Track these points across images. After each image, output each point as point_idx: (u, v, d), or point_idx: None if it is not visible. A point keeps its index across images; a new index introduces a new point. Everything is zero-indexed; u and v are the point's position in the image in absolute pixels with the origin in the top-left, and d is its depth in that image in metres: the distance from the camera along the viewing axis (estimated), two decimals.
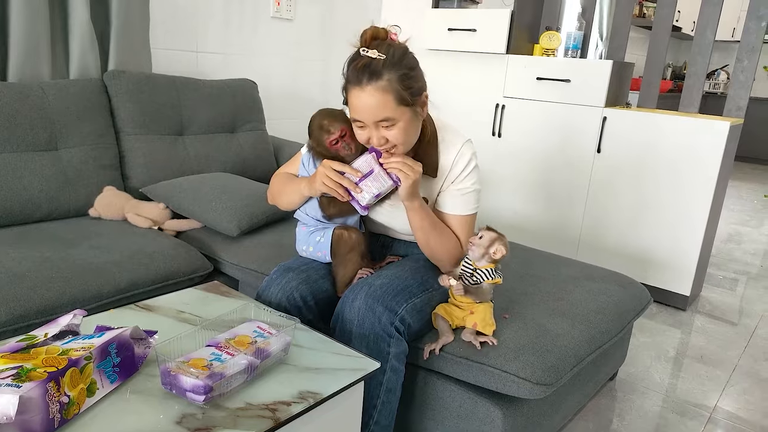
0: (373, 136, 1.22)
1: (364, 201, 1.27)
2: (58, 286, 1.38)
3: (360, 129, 1.23)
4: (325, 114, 1.29)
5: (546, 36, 2.82)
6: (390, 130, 1.20)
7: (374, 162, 1.25)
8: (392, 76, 1.16)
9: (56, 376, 0.81)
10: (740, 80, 2.71)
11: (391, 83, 1.16)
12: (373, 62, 1.16)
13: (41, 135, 1.80)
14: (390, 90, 1.16)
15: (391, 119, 1.19)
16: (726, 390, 1.94)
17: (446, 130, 1.36)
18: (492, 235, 1.26)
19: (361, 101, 1.17)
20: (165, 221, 1.87)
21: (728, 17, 6.13)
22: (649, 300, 1.74)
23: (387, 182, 1.25)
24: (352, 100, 1.20)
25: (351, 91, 1.19)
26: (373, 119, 1.19)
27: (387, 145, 1.23)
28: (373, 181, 1.25)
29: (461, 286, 1.25)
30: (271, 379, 0.99)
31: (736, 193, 5.32)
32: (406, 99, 1.18)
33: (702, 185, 2.37)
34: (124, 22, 2.07)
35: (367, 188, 1.25)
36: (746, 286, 2.98)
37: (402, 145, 1.24)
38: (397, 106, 1.18)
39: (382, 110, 1.17)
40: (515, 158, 2.87)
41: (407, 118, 1.21)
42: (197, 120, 2.21)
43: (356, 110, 1.20)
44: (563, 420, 1.57)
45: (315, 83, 3.04)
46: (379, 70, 1.15)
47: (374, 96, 1.16)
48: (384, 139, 1.22)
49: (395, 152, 1.26)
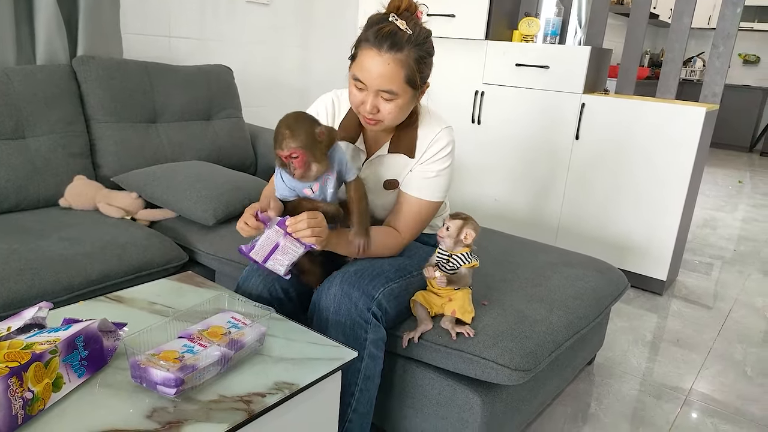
0: (368, 102, 1.20)
1: (281, 272, 1.18)
2: (27, 279, 1.34)
3: (358, 90, 1.22)
4: (289, 124, 1.14)
5: (525, 22, 2.81)
6: (387, 103, 1.20)
7: (277, 235, 1.16)
8: (411, 53, 1.17)
9: (18, 371, 0.78)
10: (716, 66, 2.73)
11: (408, 60, 1.17)
12: (399, 33, 1.16)
13: (7, 123, 1.74)
14: (405, 66, 1.17)
15: (394, 94, 1.18)
16: (701, 373, 1.97)
17: (429, 114, 1.36)
18: (458, 223, 1.26)
19: (374, 64, 1.16)
20: (138, 211, 1.82)
21: (705, 5, 6.19)
22: (626, 285, 1.75)
23: (298, 250, 1.17)
24: (364, 60, 1.18)
25: (366, 51, 1.17)
26: (377, 86, 1.18)
27: (377, 116, 1.22)
28: (282, 254, 1.17)
29: (444, 279, 1.24)
30: (245, 371, 0.97)
31: (711, 179, 5.40)
32: (414, 80, 1.19)
33: (678, 171, 2.40)
34: (93, 5, 2.00)
35: (278, 261, 1.17)
36: (721, 270, 3.03)
37: (389, 121, 1.24)
38: (405, 83, 1.18)
39: (390, 82, 1.17)
40: (495, 145, 2.86)
41: (407, 98, 1.21)
42: (171, 107, 2.16)
43: (364, 71, 1.18)
44: (542, 405, 1.58)
45: (293, 69, 2.99)
46: (402, 43, 1.16)
47: (389, 65, 1.16)
48: (376, 108, 1.21)
49: (378, 127, 1.25)
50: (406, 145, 1.32)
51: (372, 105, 1.20)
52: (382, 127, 1.26)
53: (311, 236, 1.13)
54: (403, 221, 1.33)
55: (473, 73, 2.85)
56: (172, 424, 0.83)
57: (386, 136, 1.34)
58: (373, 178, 1.36)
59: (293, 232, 1.14)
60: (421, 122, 1.33)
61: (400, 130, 1.32)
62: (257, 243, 1.18)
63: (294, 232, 1.14)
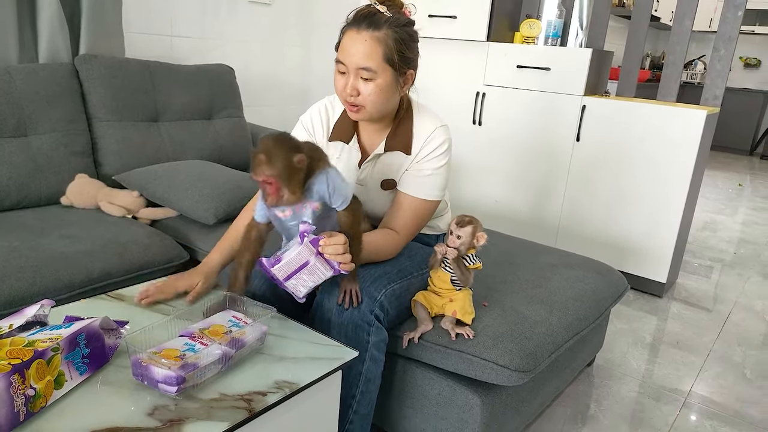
0: (348, 84, 1.21)
1: (300, 294, 1.12)
2: (28, 276, 1.34)
3: (340, 74, 1.23)
4: (268, 149, 1.04)
5: (526, 24, 2.81)
6: (367, 84, 1.20)
7: (309, 253, 1.07)
8: (390, 33, 1.19)
9: (21, 368, 0.78)
10: (717, 69, 2.73)
11: (387, 38, 1.18)
12: (378, 14, 1.19)
13: (9, 121, 1.74)
14: (383, 43, 1.18)
15: (372, 72, 1.19)
16: (700, 375, 1.97)
17: (424, 111, 1.36)
18: (469, 230, 1.25)
19: (352, 43, 1.19)
20: (139, 209, 1.83)
21: (706, 8, 6.20)
22: (626, 287, 1.76)
23: (326, 273, 1.09)
24: (344, 42, 1.21)
25: (346, 33, 1.21)
26: (356, 65, 1.19)
27: (357, 99, 1.22)
28: (308, 274, 1.09)
29: (455, 252, 1.24)
30: (246, 369, 0.97)
31: (711, 182, 5.41)
32: (393, 60, 1.20)
33: (679, 173, 2.40)
34: (96, 3, 2.00)
35: (302, 282, 1.09)
36: (721, 273, 3.03)
37: (370, 107, 1.23)
38: (383, 62, 1.19)
39: (367, 58, 1.18)
40: (495, 147, 2.87)
41: (387, 79, 1.21)
42: (172, 106, 2.16)
43: (344, 51, 1.20)
44: (541, 406, 1.58)
45: (294, 69, 2.99)
46: (381, 23, 1.18)
47: (367, 42, 1.18)
48: (356, 91, 1.21)
49: (360, 114, 1.24)
50: (401, 142, 1.32)
51: (352, 86, 1.21)
52: (365, 115, 1.25)
53: (345, 261, 1.08)
54: (401, 221, 1.33)
55: (474, 75, 2.86)
56: (174, 422, 0.83)
57: (381, 135, 1.34)
58: (370, 179, 1.36)
59: (326, 254, 1.07)
60: (416, 118, 1.33)
61: (395, 128, 1.32)
62: (282, 258, 1.08)
63: (327, 254, 1.07)
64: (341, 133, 1.35)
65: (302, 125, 1.40)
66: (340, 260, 1.08)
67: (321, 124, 1.38)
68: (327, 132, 1.38)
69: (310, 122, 1.39)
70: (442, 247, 1.26)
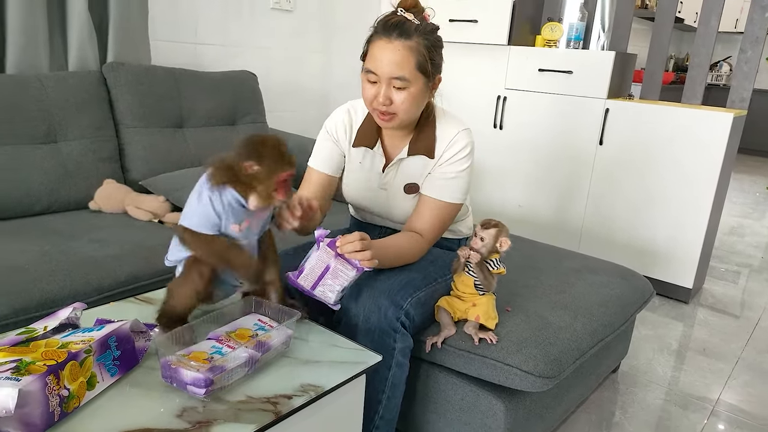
0: (381, 93, 1.21)
1: (331, 300, 1.12)
2: (59, 279, 1.37)
3: (370, 84, 1.23)
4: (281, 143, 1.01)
5: (548, 27, 2.80)
6: (400, 93, 1.21)
7: (328, 256, 1.07)
8: (420, 41, 1.19)
9: (56, 369, 0.80)
10: (744, 71, 2.69)
11: (418, 47, 1.19)
12: (407, 22, 1.19)
13: (40, 127, 1.79)
14: (415, 52, 1.18)
15: (406, 81, 1.19)
16: (729, 383, 1.93)
17: (446, 115, 1.36)
18: (492, 232, 1.25)
19: (384, 53, 1.19)
20: (165, 214, 1.86)
21: (732, 8, 6.09)
22: (652, 293, 1.73)
23: (350, 273, 1.10)
24: (374, 51, 1.20)
25: (376, 43, 1.20)
26: (389, 74, 1.19)
27: (390, 107, 1.22)
28: (332, 278, 1.10)
29: (479, 257, 1.24)
30: (272, 372, 0.98)
31: (738, 186, 5.30)
32: (425, 68, 1.20)
33: (705, 177, 2.36)
34: (123, 13, 2.05)
35: (329, 287, 1.10)
36: (748, 278, 2.97)
37: (402, 114, 1.24)
38: (416, 70, 1.19)
39: (401, 68, 1.18)
40: (517, 150, 2.85)
41: (419, 87, 1.22)
42: (197, 112, 2.19)
43: (376, 61, 1.20)
44: (565, 412, 1.57)
45: (315, 75, 3.02)
46: (411, 31, 1.18)
47: (399, 51, 1.18)
48: (389, 100, 1.21)
49: (393, 122, 1.24)
50: (425, 145, 1.32)
51: (385, 96, 1.21)
52: (396, 122, 1.25)
53: (364, 257, 1.10)
54: (425, 224, 1.33)
55: (495, 79, 2.85)
56: (202, 424, 0.84)
57: (404, 140, 1.35)
58: (393, 184, 1.37)
59: (344, 253, 1.09)
60: (438, 122, 1.34)
61: (418, 132, 1.33)
62: (305, 267, 1.08)
63: (345, 253, 1.09)
64: (365, 139, 1.36)
65: (326, 131, 1.41)
66: (359, 257, 1.10)
67: (345, 130, 1.39)
68: (351, 138, 1.39)
69: (334, 128, 1.40)
70: (465, 251, 1.26)
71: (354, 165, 1.40)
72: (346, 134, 1.39)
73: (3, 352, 0.84)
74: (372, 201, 1.42)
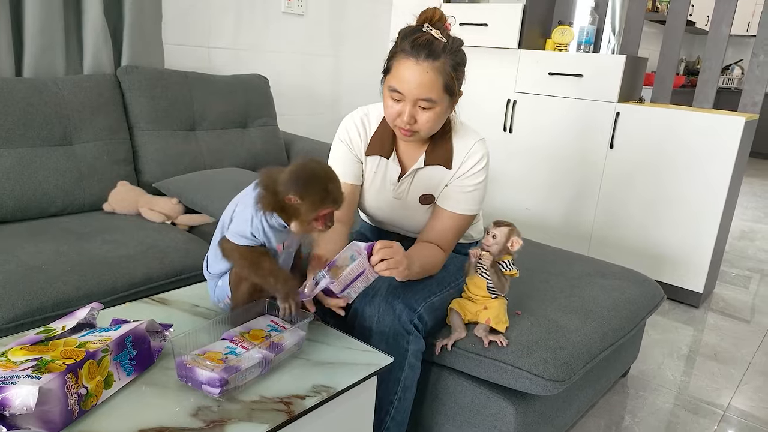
0: (406, 112, 1.19)
1: (351, 300, 1.16)
2: (74, 280, 1.39)
3: (395, 102, 1.21)
4: (329, 179, 1.04)
5: (558, 31, 2.80)
6: (425, 112, 1.20)
7: (366, 262, 1.11)
8: (448, 61, 1.17)
9: (74, 368, 0.82)
10: (756, 75, 2.68)
11: (445, 67, 1.17)
12: (435, 41, 1.16)
13: (56, 130, 1.82)
14: (443, 73, 1.17)
15: (433, 102, 1.18)
16: (740, 388, 1.92)
17: (462, 125, 1.36)
18: (505, 230, 1.26)
19: (412, 74, 1.16)
20: (178, 216, 1.88)
21: (743, 11, 6.05)
22: (662, 297, 1.73)
23: (374, 276, 1.14)
24: (401, 71, 1.17)
25: (403, 62, 1.17)
26: (416, 96, 1.17)
27: (414, 126, 1.21)
28: (362, 282, 1.14)
29: (491, 258, 1.24)
30: (285, 373, 1.00)
31: (749, 190, 5.26)
32: (452, 88, 1.19)
33: (716, 181, 2.35)
34: (137, 17, 2.08)
35: (357, 288, 1.14)
36: (759, 283, 2.95)
37: (426, 132, 1.23)
38: (443, 91, 1.18)
39: (429, 90, 1.17)
40: (527, 154, 2.85)
41: (444, 106, 1.21)
42: (209, 115, 2.22)
43: (403, 81, 1.17)
44: (575, 416, 1.57)
45: (326, 79, 3.04)
46: (439, 51, 1.16)
47: (428, 73, 1.16)
48: (413, 119, 1.20)
49: (415, 138, 1.25)
50: (441, 156, 1.31)
51: (410, 115, 1.19)
52: (417, 138, 1.26)
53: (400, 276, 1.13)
54: (444, 237, 1.33)
55: (505, 82, 2.85)
56: (216, 423, 0.86)
57: (420, 149, 1.33)
58: (408, 194, 1.36)
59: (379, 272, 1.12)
60: (455, 133, 1.33)
61: (435, 142, 1.32)
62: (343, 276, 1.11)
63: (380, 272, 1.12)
64: (380, 148, 1.34)
65: (340, 140, 1.38)
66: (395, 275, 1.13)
67: (359, 138, 1.36)
68: (365, 145, 1.37)
69: (347, 136, 1.37)
70: (477, 251, 1.26)
71: (368, 174, 1.39)
72: (360, 142, 1.36)
73: (23, 350, 0.86)
74: (385, 211, 1.41)
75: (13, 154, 1.72)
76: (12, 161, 1.71)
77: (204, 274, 1.21)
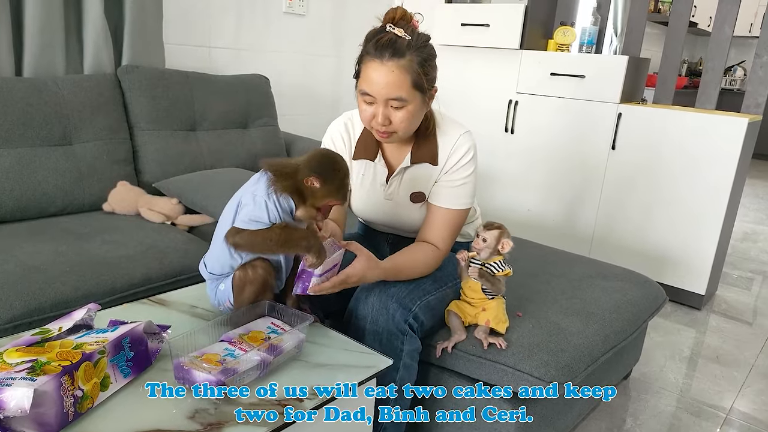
0: (379, 114, 1.19)
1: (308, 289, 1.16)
2: (73, 280, 1.39)
3: (367, 105, 1.20)
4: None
5: (560, 31, 2.79)
6: (398, 112, 1.19)
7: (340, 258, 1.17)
8: (414, 58, 1.15)
9: (70, 369, 0.81)
10: (759, 76, 2.66)
11: (412, 65, 1.15)
12: (398, 40, 1.15)
13: (56, 130, 1.81)
14: (409, 71, 1.15)
15: (403, 100, 1.17)
16: (742, 391, 1.91)
17: (446, 120, 1.34)
18: (495, 233, 1.25)
19: (379, 75, 1.15)
20: (178, 216, 1.87)
21: (746, 12, 6.04)
22: (664, 299, 1.72)
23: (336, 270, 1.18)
24: (368, 73, 1.17)
25: (369, 64, 1.17)
26: (386, 96, 1.17)
27: (389, 127, 1.20)
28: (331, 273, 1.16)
29: (476, 270, 1.24)
30: (283, 375, 0.99)
31: (752, 191, 5.24)
32: (421, 84, 1.18)
33: (718, 183, 2.34)
34: (138, 17, 2.07)
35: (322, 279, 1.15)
36: (762, 285, 2.93)
37: (402, 132, 1.22)
38: (412, 88, 1.17)
39: (398, 89, 1.16)
40: (528, 155, 2.84)
41: (417, 103, 1.20)
42: (210, 115, 2.21)
43: (371, 83, 1.17)
44: (576, 419, 1.56)
45: (327, 79, 3.03)
46: (403, 49, 1.15)
47: (394, 73, 1.15)
48: (388, 120, 1.19)
49: (392, 138, 1.24)
50: (427, 153, 1.30)
51: (383, 116, 1.19)
52: (396, 139, 1.25)
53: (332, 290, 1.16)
54: (439, 234, 1.32)
55: (507, 83, 2.84)
56: (213, 426, 0.85)
57: (405, 149, 1.33)
58: (398, 194, 1.35)
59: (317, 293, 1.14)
60: (439, 128, 1.32)
61: (419, 139, 1.31)
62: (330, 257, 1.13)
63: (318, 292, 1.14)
64: (366, 152, 1.34)
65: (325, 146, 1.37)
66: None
67: (344, 144, 1.37)
68: (350, 150, 1.37)
69: (332, 143, 1.37)
70: (463, 254, 1.26)
71: (356, 177, 1.39)
72: (345, 147, 1.37)
73: (19, 352, 0.85)
74: (378, 212, 1.41)
75: (12, 153, 1.72)
76: (11, 161, 1.71)
77: (203, 275, 1.20)
